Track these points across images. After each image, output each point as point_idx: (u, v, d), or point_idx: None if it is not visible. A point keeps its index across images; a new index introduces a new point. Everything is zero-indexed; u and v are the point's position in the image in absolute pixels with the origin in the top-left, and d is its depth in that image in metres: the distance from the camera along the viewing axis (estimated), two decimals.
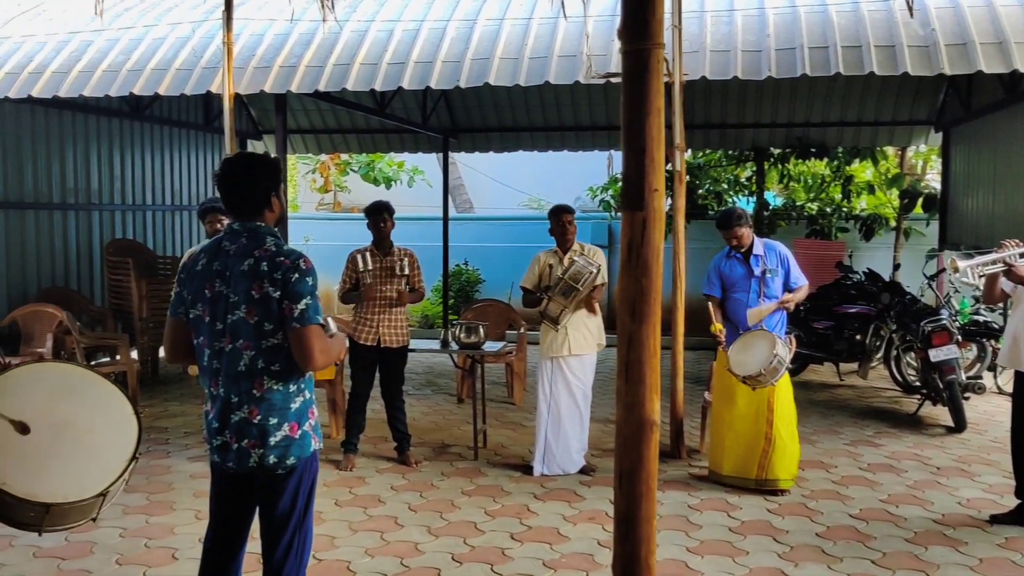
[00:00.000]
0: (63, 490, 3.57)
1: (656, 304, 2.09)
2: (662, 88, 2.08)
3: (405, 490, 6.07)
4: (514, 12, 7.74)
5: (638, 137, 2.00)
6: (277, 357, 3.21)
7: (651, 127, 2.02)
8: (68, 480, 3.62)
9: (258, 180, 3.32)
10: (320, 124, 13.48)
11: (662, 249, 2.11)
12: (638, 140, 2.00)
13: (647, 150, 2.00)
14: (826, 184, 13.79)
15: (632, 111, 2.03)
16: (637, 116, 2.02)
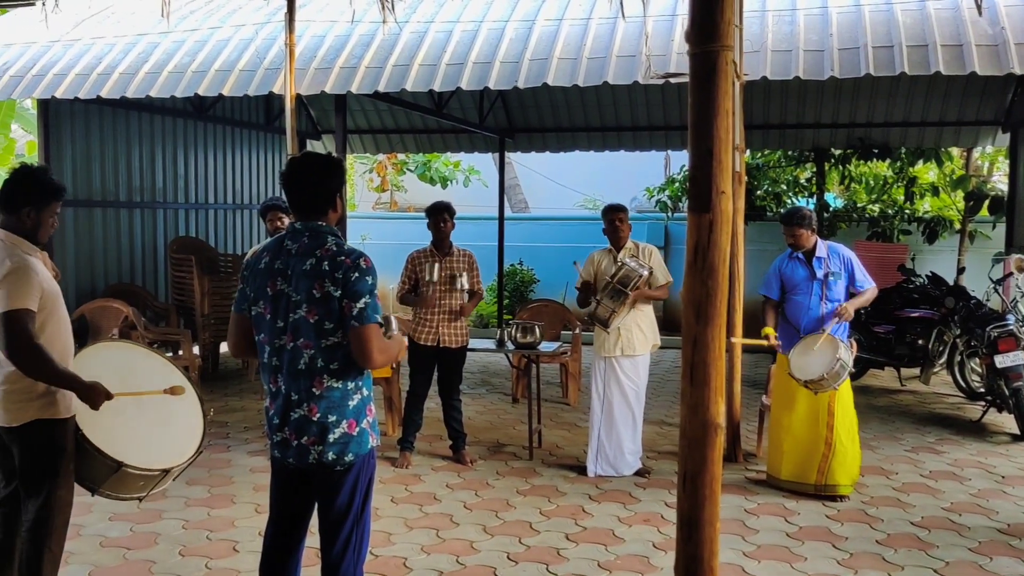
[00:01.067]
0: (135, 456, 3.80)
1: (721, 306, 2.08)
2: (730, 90, 2.08)
3: (460, 488, 6.11)
4: (573, 12, 7.74)
5: (705, 139, 1.99)
6: (336, 355, 3.25)
7: (719, 129, 2.01)
8: (142, 449, 3.93)
9: (321, 180, 3.37)
10: (378, 124, 13.61)
11: (728, 251, 2.09)
12: (705, 142, 1.99)
13: (715, 152, 1.99)
14: (888, 185, 13.52)
15: (700, 113, 2.02)
16: (705, 118, 2.01)
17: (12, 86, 8.12)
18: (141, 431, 4.03)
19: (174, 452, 4.11)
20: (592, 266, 6.57)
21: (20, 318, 3.49)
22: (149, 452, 3.99)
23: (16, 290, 3.51)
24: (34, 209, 3.71)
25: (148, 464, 3.97)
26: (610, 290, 6.13)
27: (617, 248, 6.52)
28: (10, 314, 3.47)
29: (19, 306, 3.49)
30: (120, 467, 3.86)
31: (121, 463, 3.84)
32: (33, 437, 3.66)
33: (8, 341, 3.49)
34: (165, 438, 4.14)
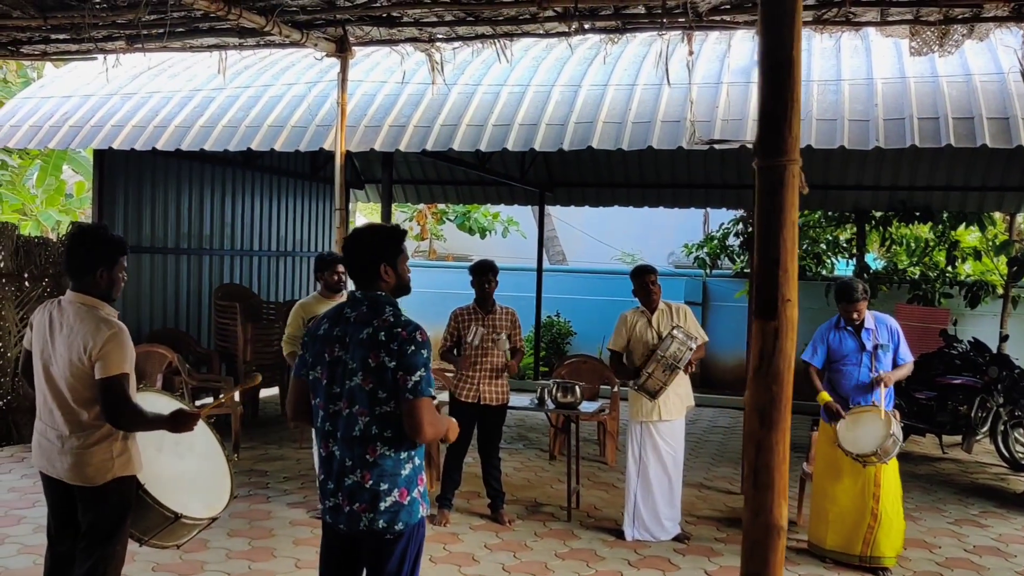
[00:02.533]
0: (186, 505, 3.90)
1: (787, 412, 2.12)
2: (796, 201, 2.13)
3: (499, 549, 6.10)
4: (618, 79, 7.85)
5: (772, 248, 2.05)
6: (390, 424, 3.31)
7: (785, 239, 2.06)
8: (190, 498, 4.00)
9: (370, 251, 3.45)
10: (420, 175, 13.83)
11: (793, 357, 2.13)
12: (772, 252, 2.05)
13: (781, 262, 2.04)
14: (930, 248, 13.45)
15: (766, 224, 2.08)
16: (772, 229, 2.07)
17: (71, 136, 8.38)
18: (185, 481, 4.14)
19: (215, 501, 4.24)
20: (625, 328, 6.56)
21: (121, 383, 3.65)
22: (194, 502, 4.10)
23: (117, 355, 3.67)
24: (106, 269, 3.85)
25: (199, 514, 4.08)
26: (663, 365, 6.12)
27: (650, 309, 6.52)
28: (113, 379, 3.63)
29: (121, 371, 3.65)
30: (178, 518, 3.95)
31: (179, 515, 3.94)
32: (113, 494, 3.78)
33: (111, 406, 3.66)
34: (206, 488, 4.26)
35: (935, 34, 6.69)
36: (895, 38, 7.23)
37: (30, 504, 6.70)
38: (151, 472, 3.95)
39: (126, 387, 3.72)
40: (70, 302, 3.84)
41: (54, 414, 3.82)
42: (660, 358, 6.11)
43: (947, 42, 6.78)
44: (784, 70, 2.06)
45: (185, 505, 4.01)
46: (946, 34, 6.66)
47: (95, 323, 3.74)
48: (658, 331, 6.37)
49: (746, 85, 7.54)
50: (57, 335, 3.80)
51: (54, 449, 3.82)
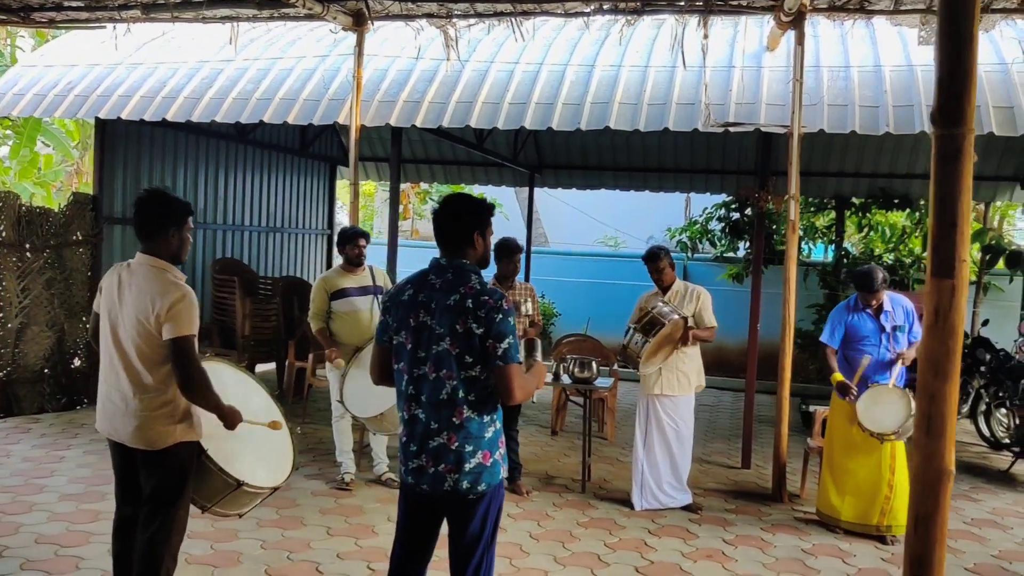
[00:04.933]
0: (249, 474, 3.97)
1: (957, 364, 2.26)
2: (971, 169, 2.26)
3: (522, 519, 6.23)
4: (631, 60, 7.97)
5: (950, 213, 2.19)
6: (475, 388, 3.39)
7: (963, 205, 2.20)
8: (252, 468, 4.06)
9: (466, 219, 3.54)
10: (408, 154, 13.82)
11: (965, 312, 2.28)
12: (950, 216, 2.19)
13: (958, 226, 2.18)
14: (906, 235, 13.82)
15: (944, 189, 2.22)
16: (950, 194, 2.20)
17: (78, 105, 8.28)
18: (251, 451, 4.20)
19: (278, 471, 4.31)
20: (642, 306, 6.71)
21: (191, 343, 3.68)
22: (257, 471, 4.16)
23: (188, 316, 3.71)
24: (177, 228, 3.88)
25: (261, 483, 4.14)
26: (639, 332, 6.30)
27: (664, 291, 6.67)
28: (182, 340, 3.66)
29: (191, 332, 3.69)
30: (240, 486, 4.01)
31: (241, 482, 4.00)
32: (175, 459, 3.82)
33: (184, 365, 3.69)
34: (268, 457, 4.32)
35: None
36: (903, 27, 7.45)
37: (48, 473, 6.66)
38: (215, 439, 4.00)
39: (194, 348, 3.77)
40: (140, 264, 3.86)
41: (119, 376, 3.84)
42: (637, 328, 6.30)
43: None
44: (963, 41, 2.19)
45: (248, 473, 4.07)
46: None
47: (164, 284, 3.77)
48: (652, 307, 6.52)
49: (757, 70, 7.71)
50: (127, 296, 3.82)
51: (118, 412, 3.84)
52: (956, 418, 2.40)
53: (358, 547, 5.52)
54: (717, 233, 14.18)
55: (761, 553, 5.78)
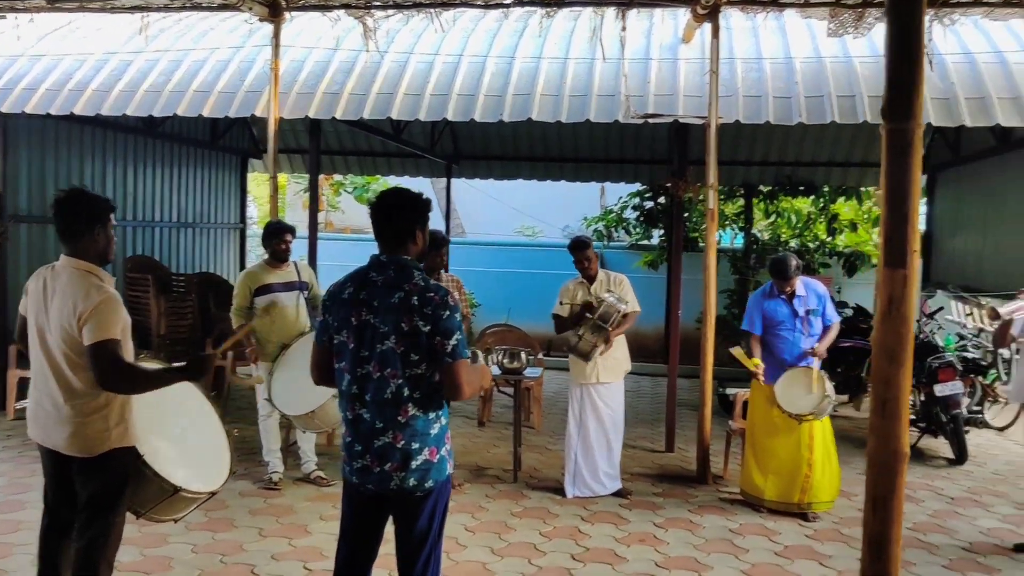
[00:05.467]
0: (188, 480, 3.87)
1: (910, 351, 2.36)
2: (921, 162, 2.35)
3: (456, 511, 6.21)
4: (550, 51, 8.01)
5: (902, 205, 2.28)
6: (420, 385, 3.38)
7: (912, 196, 2.29)
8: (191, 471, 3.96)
9: (407, 214, 3.51)
10: (322, 146, 13.61)
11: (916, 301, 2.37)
12: (901, 208, 2.27)
13: (908, 217, 2.27)
14: (811, 221, 14.27)
15: (895, 181, 2.30)
16: (901, 186, 2.29)
17: None
18: (187, 455, 4.10)
19: (215, 475, 4.22)
20: (567, 298, 6.78)
21: (111, 347, 3.54)
22: (193, 475, 4.07)
23: (108, 320, 3.56)
24: (102, 227, 3.75)
25: (199, 487, 4.05)
26: (591, 326, 6.39)
27: (590, 280, 6.76)
28: (101, 344, 3.52)
29: (111, 336, 3.54)
30: (177, 491, 3.91)
31: (178, 487, 3.90)
32: (110, 465, 3.70)
33: (101, 371, 3.54)
34: (205, 462, 4.23)
35: (852, 16, 7.15)
36: (812, 19, 7.67)
37: None
38: (151, 444, 3.89)
39: (117, 351, 3.61)
40: (64, 267, 3.73)
41: (49, 381, 3.70)
42: (589, 320, 6.38)
43: (861, 24, 7.26)
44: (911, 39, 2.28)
45: (184, 478, 3.97)
46: (862, 17, 7.13)
47: (87, 288, 3.64)
48: (598, 298, 6.61)
49: (674, 61, 7.85)
50: (52, 301, 3.69)
51: (50, 418, 3.71)
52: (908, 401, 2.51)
53: (292, 547, 5.45)
54: (632, 221, 14.40)
55: (691, 535, 5.93)
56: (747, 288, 13.05)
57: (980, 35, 7.77)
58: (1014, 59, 7.44)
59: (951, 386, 8.10)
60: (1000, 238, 10.38)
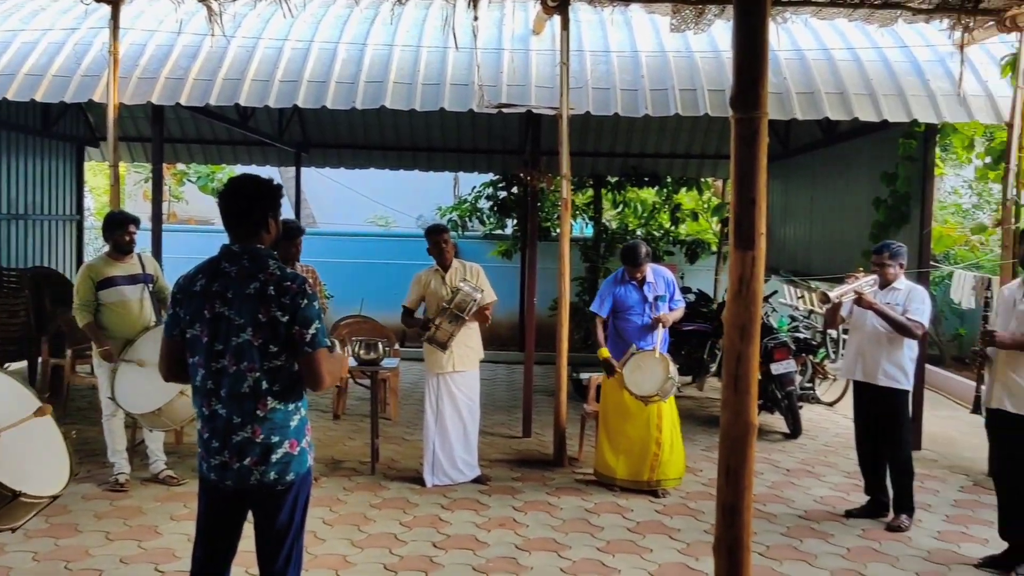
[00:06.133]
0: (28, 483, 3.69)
1: (758, 328, 2.49)
2: (766, 150, 2.48)
3: (313, 505, 6.00)
4: (402, 39, 7.98)
5: (750, 190, 2.40)
6: (279, 377, 3.32)
7: (759, 181, 2.42)
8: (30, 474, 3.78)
9: (257, 202, 3.43)
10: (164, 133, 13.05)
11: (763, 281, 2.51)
12: (749, 192, 2.40)
13: (756, 201, 2.40)
14: (656, 210, 14.79)
15: (744, 168, 2.43)
16: (749, 172, 2.41)
17: None
18: (24, 458, 3.90)
19: (55, 477, 4.03)
20: (419, 286, 6.76)
21: None
22: (32, 479, 3.87)
23: None
24: None
25: (39, 491, 3.86)
26: (448, 315, 6.42)
27: (444, 268, 6.78)
28: None
29: None
30: (16, 496, 3.71)
31: (18, 492, 3.70)
32: None
33: None
34: (44, 463, 4.03)
35: (693, 13, 7.44)
36: (656, 15, 7.94)
37: None
38: None
39: None
40: None
41: None
42: (446, 310, 6.42)
43: (702, 21, 7.58)
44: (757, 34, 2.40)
45: (24, 482, 3.76)
46: (702, 14, 7.44)
47: None
48: (452, 288, 6.64)
49: (526, 52, 7.97)
50: None
51: None
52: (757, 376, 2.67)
53: (142, 549, 5.25)
54: (486, 211, 14.53)
55: (549, 517, 6.07)
56: (598, 275, 13.42)
57: (809, 33, 8.26)
58: (839, 56, 7.94)
59: (785, 365, 8.59)
60: (825, 225, 11.06)
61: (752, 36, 2.42)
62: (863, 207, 9.50)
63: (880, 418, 6.04)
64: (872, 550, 5.59)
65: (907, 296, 5.95)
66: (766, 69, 2.46)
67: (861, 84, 7.68)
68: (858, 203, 9.75)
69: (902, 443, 5.98)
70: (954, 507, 6.50)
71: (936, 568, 5.30)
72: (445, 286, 6.66)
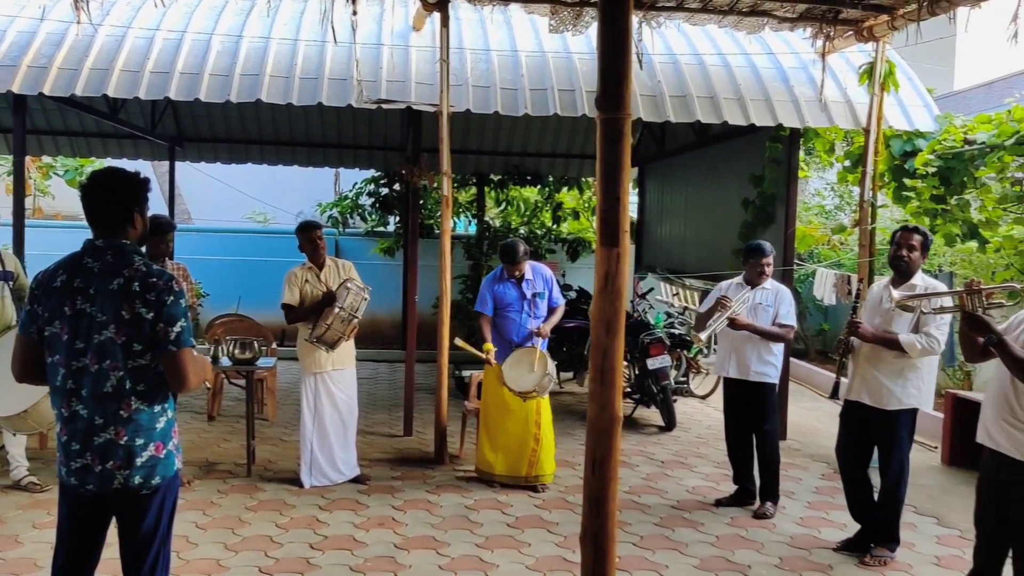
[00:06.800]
0: None
1: (623, 322, 2.55)
2: (630, 150, 2.54)
3: (186, 509, 5.97)
4: (279, 32, 7.83)
5: (615, 188, 2.45)
6: (144, 377, 3.22)
7: (624, 181, 2.47)
8: None
9: (122, 196, 3.32)
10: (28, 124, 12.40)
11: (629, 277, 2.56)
12: (615, 191, 2.45)
13: (621, 199, 2.45)
14: (539, 209, 14.96)
15: (609, 167, 2.48)
16: (614, 171, 2.46)
17: None
18: None
19: None
20: (296, 283, 6.63)
21: None
22: None
23: None
24: None
25: None
26: (343, 316, 6.33)
27: (318, 265, 6.68)
28: None
29: None
30: None
31: None
32: None
33: None
34: None
35: (571, 15, 7.57)
36: (536, 15, 8.03)
37: None
38: None
39: None
40: None
41: None
42: (339, 310, 6.33)
43: (580, 23, 7.71)
44: (621, 37, 2.46)
45: None
46: (579, 15, 7.57)
47: None
48: (327, 285, 6.56)
49: (406, 49, 7.94)
50: None
51: None
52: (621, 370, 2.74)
53: (2, 560, 5.00)
54: (367, 208, 14.39)
55: (429, 515, 6.07)
56: (481, 273, 13.48)
57: (683, 38, 8.51)
58: (710, 61, 8.22)
59: (661, 360, 8.84)
60: (699, 225, 11.43)
61: (616, 39, 2.49)
62: (733, 207, 9.86)
63: (751, 411, 6.30)
64: (740, 537, 5.82)
65: (776, 297, 6.24)
66: (630, 71, 2.53)
67: (731, 89, 7.97)
68: (729, 204, 10.11)
69: (771, 433, 6.26)
70: (815, 494, 6.83)
71: (798, 553, 5.56)
72: (320, 284, 6.57)
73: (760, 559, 5.43)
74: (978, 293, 4.09)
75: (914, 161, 8.29)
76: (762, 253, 6.27)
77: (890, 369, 5.27)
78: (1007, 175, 7.65)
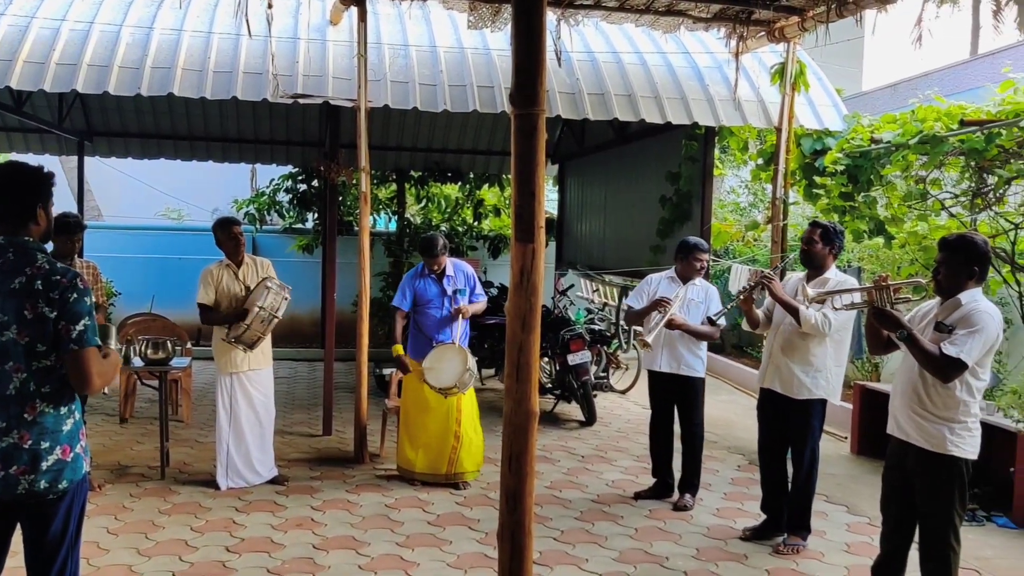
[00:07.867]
0: None
1: (539, 317, 2.55)
2: (544, 145, 2.55)
3: (96, 515, 5.79)
4: (192, 24, 7.65)
5: (529, 184, 2.45)
6: (49, 379, 3.12)
7: (539, 176, 2.48)
8: None
9: (24, 191, 3.21)
10: None
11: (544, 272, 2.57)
12: (529, 186, 2.45)
13: (536, 195, 2.45)
14: (460, 206, 14.95)
15: (524, 162, 2.48)
16: (529, 167, 2.46)
17: None
18: None
19: None
20: (212, 282, 6.48)
21: None
22: None
23: None
24: None
25: None
26: (263, 316, 6.21)
27: (236, 262, 6.55)
28: None
29: None
30: None
31: None
32: None
33: None
34: None
35: (489, 11, 7.58)
36: (455, 11, 8.01)
37: None
38: None
39: None
40: None
41: None
42: (259, 309, 6.21)
43: (498, 19, 7.72)
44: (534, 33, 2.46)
45: None
46: (498, 12, 7.58)
47: None
48: (245, 284, 6.45)
49: (323, 43, 7.84)
50: None
51: None
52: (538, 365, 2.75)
53: None
54: (285, 204, 14.17)
55: (348, 514, 6.01)
56: (401, 270, 13.39)
57: (600, 37, 8.60)
58: (628, 60, 8.32)
59: (581, 355, 8.92)
60: (619, 221, 11.57)
61: (530, 36, 2.51)
62: (651, 204, 10.01)
63: (680, 404, 6.40)
64: (658, 529, 5.91)
65: (707, 294, 6.38)
66: (544, 67, 2.55)
67: (647, 87, 8.08)
68: (647, 201, 10.26)
69: (698, 425, 6.38)
70: (731, 485, 6.98)
71: (715, 543, 5.67)
72: (238, 282, 6.45)
73: (678, 550, 5.52)
74: (886, 289, 4.23)
75: (824, 159, 8.53)
76: (700, 249, 6.38)
77: (802, 360, 5.42)
78: (911, 173, 7.93)
